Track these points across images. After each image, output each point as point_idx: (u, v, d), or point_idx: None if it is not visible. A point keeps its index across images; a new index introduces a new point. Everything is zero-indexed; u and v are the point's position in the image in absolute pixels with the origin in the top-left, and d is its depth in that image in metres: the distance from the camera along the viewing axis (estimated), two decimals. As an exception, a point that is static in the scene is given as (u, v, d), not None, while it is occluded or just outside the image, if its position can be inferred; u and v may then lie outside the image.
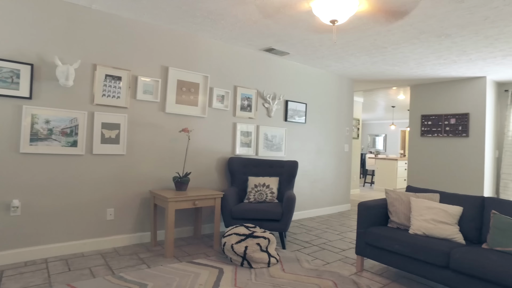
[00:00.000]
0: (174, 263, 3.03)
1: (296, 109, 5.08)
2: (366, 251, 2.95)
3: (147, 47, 3.63)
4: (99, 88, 3.32)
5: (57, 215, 3.15)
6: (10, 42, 2.89)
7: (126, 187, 3.53)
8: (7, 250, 2.91)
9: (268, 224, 3.52)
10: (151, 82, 3.65)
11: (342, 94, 5.89)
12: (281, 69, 4.90)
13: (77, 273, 2.74)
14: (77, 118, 3.20)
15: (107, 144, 3.38)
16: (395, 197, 3.05)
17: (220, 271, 2.86)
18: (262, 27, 3.61)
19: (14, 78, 2.90)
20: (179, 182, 3.49)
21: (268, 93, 4.75)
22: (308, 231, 4.42)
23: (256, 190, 3.93)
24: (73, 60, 3.19)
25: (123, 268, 2.89)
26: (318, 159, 5.46)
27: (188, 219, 3.99)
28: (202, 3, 3.07)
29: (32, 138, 2.98)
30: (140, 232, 3.62)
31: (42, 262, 2.94)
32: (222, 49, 4.24)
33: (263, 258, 2.98)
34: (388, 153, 13.95)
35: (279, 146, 4.88)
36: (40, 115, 3.02)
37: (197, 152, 4.04)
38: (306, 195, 5.27)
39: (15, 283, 2.52)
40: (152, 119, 3.68)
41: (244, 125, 4.47)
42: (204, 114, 4.06)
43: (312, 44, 4.12)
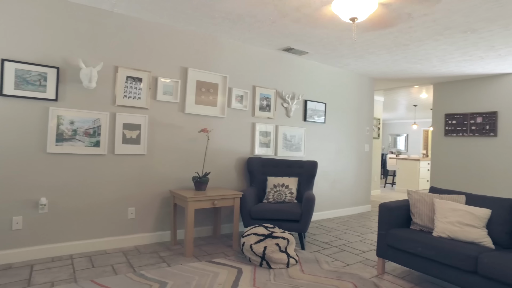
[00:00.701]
0: (194, 262, 3.06)
1: (315, 108, 5.03)
2: (387, 253, 2.88)
3: (166, 49, 3.68)
4: (121, 89, 3.39)
5: (81, 213, 3.24)
6: (38, 47, 3.00)
7: (147, 187, 3.59)
8: (36, 245, 3.02)
9: (287, 224, 3.50)
10: (170, 83, 3.70)
11: (362, 93, 5.79)
12: (300, 68, 4.87)
13: (100, 270, 2.81)
14: (100, 119, 3.29)
15: (129, 144, 3.45)
16: (418, 198, 2.96)
17: (239, 271, 2.86)
18: (280, 26, 3.60)
19: (42, 81, 3.00)
20: (199, 182, 3.52)
21: (287, 93, 4.72)
22: (327, 232, 4.36)
23: (275, 190, 3.91)
24: (96, 62, 3.28)
25: (144, 266, 2.94)
26: (337, 159, 5.38)
27: (208, 219, 4.02)
28: (221, 4, 3.09)
29: (57, 138, 3.08)
30: (160, 231, 3.68)
31: (67, 258, 3.03)
32: (240, 49, 4.25)
33: (282, 259, 2.96)
34: (410, 153, 13.61)
35: (298, 146, 4.84)
36: (65, 116, 3.12)
37: (216, 152, 4.06)
38: (325, 196, 5.21)
39: (43, 277, 2.62)
40: (172, 119, 3.73)
41: (263, 125, 4.46)
42: (223, 114, 4.08)
43: (331, 42, 4.07)
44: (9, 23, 2.88)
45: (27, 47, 2.96)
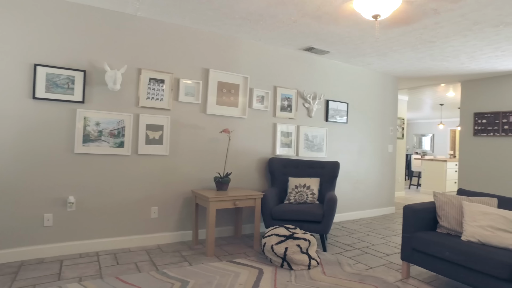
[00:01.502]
0: (215, 262, 3.08)
1: (337, 108, 4.96)
2: (412, 257, 2.79)
3: (188, 50, 3.74)
4: (144, 91, 3.47)
5: (106, 211, 3.33)
6: (67, 52, 3.12)
7: (169, 187, 3.65)
8: (65, 242, 3.14)
9: (308, 225, 3.47)
10: (192, 84, 3.75)
11: (386, 93, 5.66)
12: (321, 68, 4.81)
13: (124, 267, 2.88)
14: (124, 120, 3.37)
15: (151, 145, 3.52)
16: (445, 200, 2.86)
17: (260, 272, 2.85)
18: (301, 26, 3.57)
19: (70, 84, 3.11)
20: (220, 182, 3.54)
21: (308, 93, 4.68)
22: (350, 233, 4.29)
23: (296, 191, 3.88)
24: (120, 65, 3.37)
25: (166, 264, 2.99)
26: (360, 160, 5.28)
27: (229, 219, 4.04)
28: (242, 5, 3.10)
29: (84, 139, 3.19)
30: (182, 230, 3.73)
31: (94, 255, 3.13)
32: (261, 50, 4.25)
33: (304, 260, 2.93)
34: (436, 154, 13.17)
35: (320, 146, 4.79)
36: (91, 117, 3.22)
37: (237, 153, 4.08)
38: (347, 197, 5.13)
39: (72, 272, 2.72)
40: (194, 120, 3.78)
41: (284, 126, 4.44)
42: (244, 115, 4.09)
43: (353, 41, 4.00)
44: (41, 30, 3.01)
45: (56, 52, 3.08)
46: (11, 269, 2.76)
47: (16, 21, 2.92)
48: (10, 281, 2.53)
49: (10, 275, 2.64)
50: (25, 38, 2.96)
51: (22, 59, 2.95)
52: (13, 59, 2.92)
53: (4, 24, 2.88)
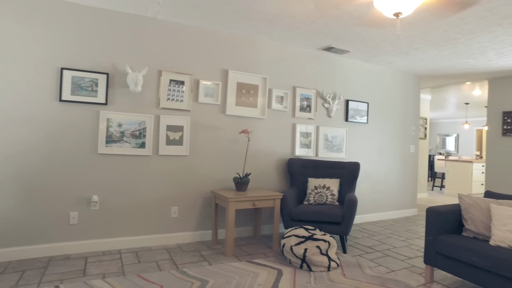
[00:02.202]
0: (234, 262, 3.09)
1: (357, 108, 4.88)
2: (436, 260, 2.71)
3: (207, 52, 3.77)
4: (164, 92, 3.53)
5: (128, 210, 3.41)
6: (91, 55, 3.21)
7: (189, 187, 3.70)
8: (89, 239, 3.23)
9: (328, 227, 3.43)
10: (212, 85, 3.78)
11: (407, 92, 5.52)
12: (340, 68, 4.76)
13: (145, 265, 2.93)
14: (145, 121, 3.44)
15: (172, 145, 3.58)
16: (471, 203, 2.76)
17: (279, 272, 2.85)
18: (320, 25, 3.54)
19: (94, 87, 3.21)
20: (239, 182, 3.56)
21: (327, 93, 4.63)
22: (370, 235, 4.21)
23: (316, 192, 3.85)
24: (141, 67, 3.44)
25: (186, 263, 3.03)
26: (381, 160, 5.18)
27: (248, 219, 4.05)
28: (260, 5, 3.10)
29: (107, 140, 3.28)
30: (201, 230, 3.77)
31: (116, 253, 3.21)
32: (280, 50, 4.24)
33: (323, 262, 2.90)
34: (461, 155, 12.75)
35: (340, 147, 4.73)
36: (114, 119, 3.30)
37: (256, 153, 4.08)
38: (368, 198, 5.04)
39: (96, 269, 2.80)
40: (213, 121, 3.81)
41: (304, 126, 4.41)
42: (264, 116, 4.09)
43: (373, 40, 3.93)
44: (67, 36, 3.12)
45: (81, 56, 3.18)
46: (40, 264, 2.88)
47: (44, 28, 3.04)
48: (40, 276, 2.64)
49: (40, 269, 2.76)
50: (52, 43, 3.07)
51: (50, 63, 3.06)
52: (42, 64, 3.04)
53: (34, 31, 3.00)
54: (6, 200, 2.95)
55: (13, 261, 2.92)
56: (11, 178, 2.96)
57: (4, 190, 2.94)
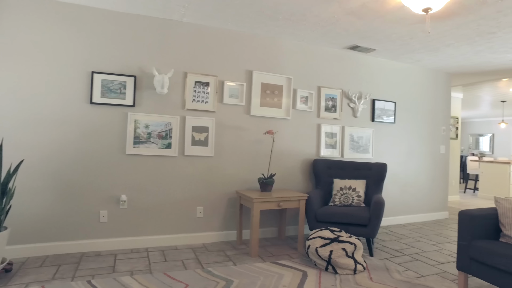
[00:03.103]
0: (259, 263, 3.09)
1: (384, 108, 4.76)
2: (470, 267, 2.59)
3: (232, 53, 3.80)
4: (190, 94, 3.59)
5: (155, 210, 3.49)
6: (119, 59, 3.32)
7: (214, 187, 3.74)
8: (119, 237, 3.33)
9: (354, 229, 3.36)
10: (236, 86, 3.80)
11: (437, 90, 5.32)
12: (366, 67, 4.65)
13: (171, 264, 2.99)
14: (171, 123, 3.51)
15: (197, 146, 3.63)
16: (510, 207, 2.61)
17: (304, 274, 2.82)
18: (345, 24, 3.48)
19: (122, 89, 3.31)
20: (264, 183, 3.55)
21: (353, 92, 4.55)
22: (398, 238, 4.09)
23: (341, 193, 3.79)
24: (167, 69, 3.51)
25: (211, 263, 3.06)
26: (409, 161, 5.02)
27: (273, 220, 4.04)
28: (284, 6, 3.09)
29: (135, 141, 3.37)
30: (226, 230, 3.80)
31: (144, 251, 3.29)
32: (304, 50, 4.21)
33: (349, 264, 2.84)
34: (496, 156, 12.13)
35: (366, 147, 4.63)
36: (141, 120, 3.39)
37: (281, 154, 4.07)
38: (395, 200, 4.89)
39: (124, 266, 2.88)
40: (238, 122, 3.83)
41: (329, 126, 4.35)
42: (288, 116, 4.07)
43: (401, 37, 3.82)
44: (97, 41, 3.24)
45: (110, 60, 3.29)
46: (74, 259, 3.00)
47: (77, 34, 3.17)
48: (73, 270, 2.75)
49: (73, 264, 2.88)
50: (84, 49, 3.20)
51: (81, 68, 3.19)
52: (74, 68, 3.17)
53: (67, 38, 3.14)
54: (44, 199, 3.10)
55: (50, 256, 3.07)
56: (48, 177, 3.10)
57: (43, 189, 3.09)
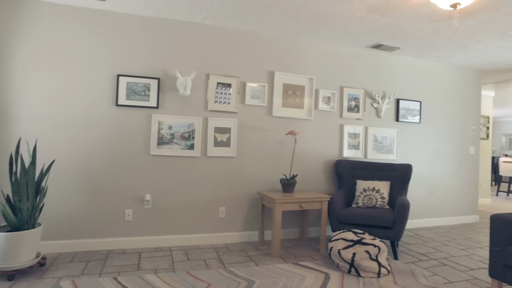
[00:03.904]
0: (280, 264, 3.08)
1: (408, 108, 4.63)
2: (505, 275, 2.47)
3: (253, 54, 3.82)
4: (212, 95, 3.63)
5: (178, 210, 3.55)
6: (143, 62, 3.41)
7: (236, 188, 3.76)
8: (143, 236, 3.42)
9: (378, 231, 3.29)
10: (258, 87, 3.82)
11: (466, 88, 5.13)
12: (390, 65, 4.55)
13: (194, 263, 3.03)
14: (194, 124, 3.56)
15: (219, 147, 3.66)
16: (544, 209, 2.48)
17: (326, 276, 2.78)
18: (368, 23, 3.42)
19: (146, 91, 3.40)
20: (286, 184, 3.54)
21: (376, 92, 4.46)
22: (424, 242, 3.96)
23: (365, 195, 3.72)
24: (190, 71, 3.57)
25: (233, 263, 3.08)
26: (435, 162, 4.86)
27: (295, 221, 4.02)
28: (305, 6, 3.07)
29: (158, 142, 3.45)
30: (248, 230, 3.81)
31: (167, 250, 3.35)
32: (326, 50, 4.16)
33: (373, 267, 2.78)
34: (531, 157, 11.52)
35: (390, 148, 4.52)
36: (165, 121, 3.46)
37: (303, 155, 4.04)
38: (421, 202, 4.75)
39: (148, 264, 2.95)
40: (260, 122, 3.84)
41: (352, 127, 4.29)
42: (310, 117, 4.04)
43: (426, 35, 3.71)
44: (122, 44, 3.34)
45: (135, 63, 3.38)
46: (101, 256, 3.10)
47: (103, 39, 3.28)
48: (101, 267, 2.85)
49: (100, 261, 2.98)
50: (110, 53, 3.31)
51: (108, 71, 3.30)
52: (101, 72, 3.28)
53: (94, 43, 3.26)
54: (73, 197, 3.22)
55: (79, 252, 3.19)
56: (77, 177, 3.23)
57: (72, 188, 3.21)
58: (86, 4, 3.17)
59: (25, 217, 2.63)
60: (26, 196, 2.63)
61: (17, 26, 3.07)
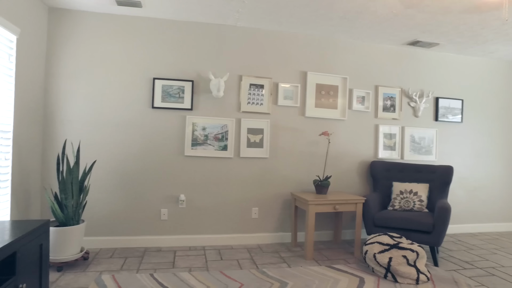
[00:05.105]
0: (313, 266, 3.04)
1: (449, 106, 4.41)
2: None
3: (286, 55, 3.81)
4: (245, 96, 3.66)
5: (212, 210, 3.61)
6: (178, 65, 3.51)
7: (269, 188, 3.76)
8: (178, 235, 3.51)
9: (415, 235, 3.15)
10: (290, 88, 3.80)
11: (515, 85, 4.79)
12: (428, 63, 4.35)
13: (227, 263, 3.07)
14: (227, 125, 3.61)
15: (252, 148, 3.68)
16: None
17: (361, 281, 2.71)
18: (404, 19, 3.29)
19: (180, 94, 3.49)
20: (320, 185, 3.49)
21: (414, 90, 4.28)
22: (468, 249, 3.74)
23: (401, 197, 3.58)
24: (223, 73, 3.63)
25: (266, 264, 3.08)
26: (478, 164, 4.58)
27: (328, 223, 3.95)
28: (339, 4, 3.02)
29: (193, 143, 3.53)
30: (281, 232, 3.80)
31: (201, 249, 3.42)
32: (360, 48, 4.06)
33: (411, 273, 2.67)
34: None
35: (429, 149, 4.32)
36: (198, 123, 3.54)
37: (337, 156, 3.97)
38: (462, 206, 4.49)
39: (183, 262, 3.02)
40: (293, 123, 3.82)
41: (387, 127, 4.15)
42: (344, 117, 3.96)
43: (470, 28, 3.51)
44: (157, 48, 3.46)
45: (169, 66, 3.49)
46: (138, 253, 3.23)
47: (139, 43, 3.42)
48: (138, 263, 2.96)
49: (138, 258, 3.10)
50: (146, 57, 3.44)
51: (144, 75, 3.43)
52: (138, 75, 3.42)
53: (132, 48, 3.40)
54: (113, 196, 3.38)
55: (118, 248, 3.33)
56: (115, 176, 3.38)
57: (112, 187, 3.37)
58: (123, 12, 3.32)
59: (71, 213, 2.80)
60: (71, 194, 2.80)
61: (63, 36, 3.27)
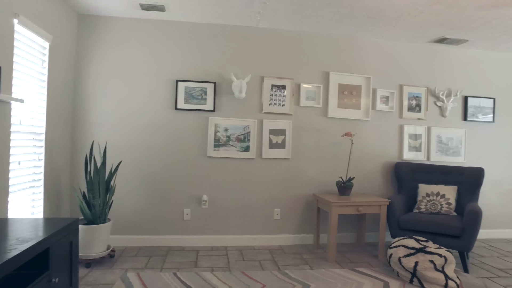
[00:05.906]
0: (336, 268, 3.00)
1: (479, 105, 4.23)
2: None
3: (307, 55, 3.78)
4: (267, 97, 3.66)
5: (234, 211, 3.63)
6: (200, 67, 3.56)
7: (291, 190, 3.74)
8: (200, 235, 3.56)
9: (443, 239, 3.05)
10: (313, 88, 3.77)
11: (551, 83, 4.54)
12: (456, 60, 4.20)
13: (249, 264, 3.07)
14: (249, 126, 3.62)
15: (274, 149, 3.68)
16: None
17: (386, 285, 2.64)
18: (430, 15, 3.19)
19: (203, 95, 3.54)
20: (343, 186, 3.45)
21: (440, 89, 4.14)
22: (502, 256, 3.57)
23: (428, 200, 3.47)
24: (245, 74, 3.64)
25: (288, 265, 3.06)
26: None
27: (351, 225, 3.89)
28: (361, 3, 2.97)
29: (215, 144, 3.56)
30: (303, 233, 3.77)
31: (223, 249, 3.45)
32: (384, 47, 3.98)
33: (439, 279, 2.58)
34: None
35: (457, 150, 4.17)
36: (221, 124, 3.57)
37: (360, 157, 3.90)
38: (496, 210, 4.30)
39: (205, 262, 3.06)
40: (315, 124, 3.79)
41: (412, 127, 4.03)
42: (367, 117, 3.89)
43: (503, 23, 3.36)
44: (180, 51, 3.52)
45: (192, 68, 3.55)
46: (162, 252, 3.29)
47: (162, 46, 3.50)
48: (162, 262, 3.02)
49: (161, 257, 3.16)
50: (169, 59, 3.51)
51: (167, 77, 3.50)
52: (162, 78, 3.49)
53: (155, 50, 3.48)
54: (137, 196, 3.46)
55: (142, 247, 3.41)
56: (140, 177, 3.46)
57: (136, 187, 3.46)
58: (148, 16, 3.40)
59: (98, 212, 2.89)
60: (98, 193, 2.90)
61: (91, 41, 3.39)
